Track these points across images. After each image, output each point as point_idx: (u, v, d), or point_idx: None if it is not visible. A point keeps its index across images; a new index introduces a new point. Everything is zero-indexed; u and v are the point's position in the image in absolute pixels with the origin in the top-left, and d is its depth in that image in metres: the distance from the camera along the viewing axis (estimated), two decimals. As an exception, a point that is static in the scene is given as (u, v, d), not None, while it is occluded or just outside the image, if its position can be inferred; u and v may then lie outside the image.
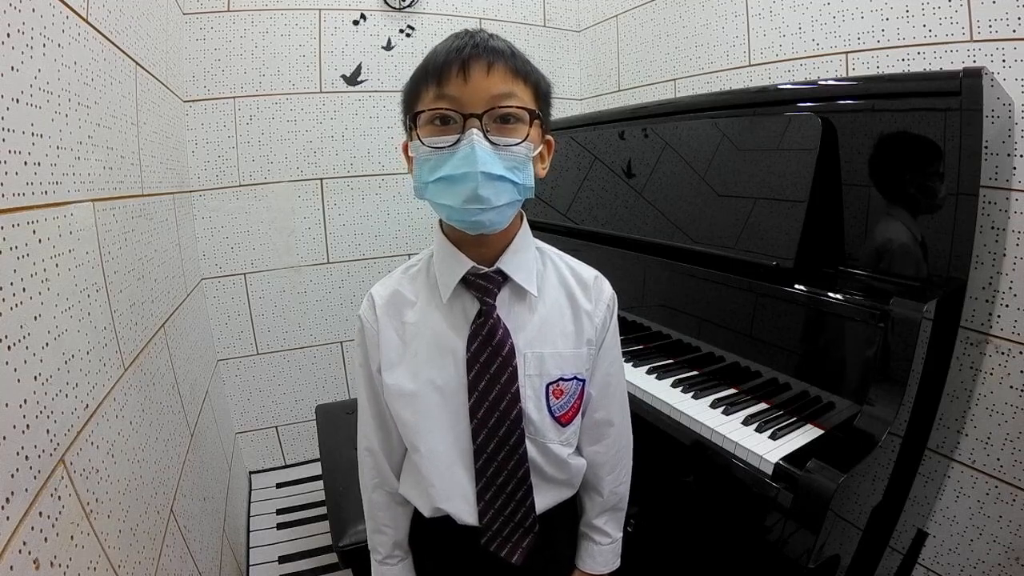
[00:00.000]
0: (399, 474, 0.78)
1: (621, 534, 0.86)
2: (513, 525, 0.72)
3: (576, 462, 0.77)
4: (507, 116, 0.62)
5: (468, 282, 0.68)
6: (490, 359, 0.67)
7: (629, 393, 1.19)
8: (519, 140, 0.62)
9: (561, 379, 0.71)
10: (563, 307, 0.73)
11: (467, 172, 0.59)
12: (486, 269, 0.68)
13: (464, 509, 0.71)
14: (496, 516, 0.71)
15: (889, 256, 1.03)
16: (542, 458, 0.72)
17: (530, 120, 0.63)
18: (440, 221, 0.70)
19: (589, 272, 0.76)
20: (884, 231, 1.04)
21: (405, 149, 0.68)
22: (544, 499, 0.74)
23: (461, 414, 0.69)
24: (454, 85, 0.60)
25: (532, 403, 0.70)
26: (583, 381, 0.73)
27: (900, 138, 1.01)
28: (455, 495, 0.71)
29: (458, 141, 0.60)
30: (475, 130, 0.59)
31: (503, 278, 0.68)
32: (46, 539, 0.61)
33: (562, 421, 0.72)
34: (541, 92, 0.66)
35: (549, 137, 0.70)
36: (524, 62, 0.64)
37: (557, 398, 0.71)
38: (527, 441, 0.70)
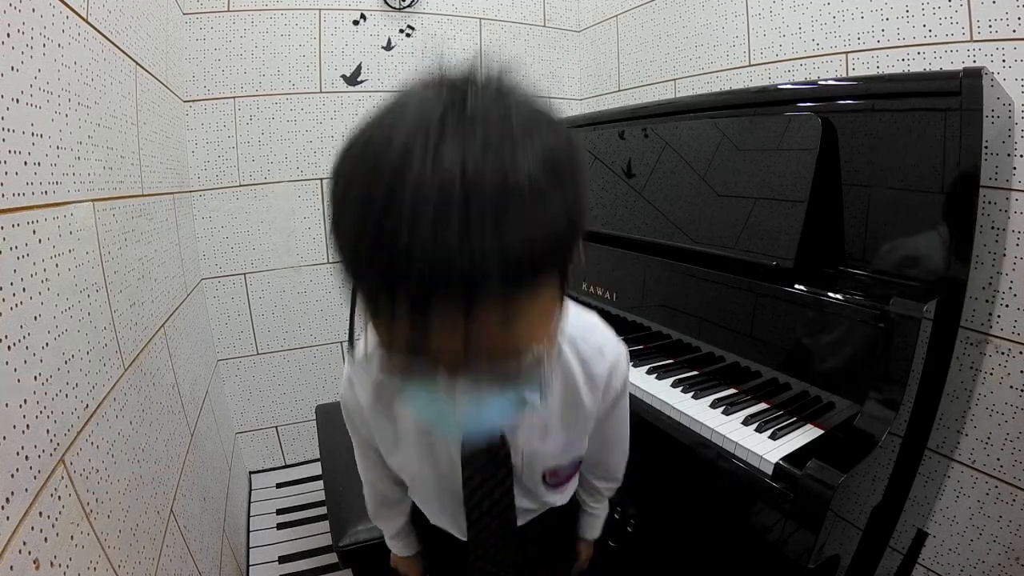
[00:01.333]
0: (399, 481, 0.80)
1: (607, 508, 0.94)
2: (498, 564, 0.76)
3: (567, 501, 0.81)
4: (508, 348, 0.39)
5: None
6: (486, 463, 0.66)
7: (629, 393, 1.20)
8: (526, 363, 0.41)
9: (557, 467, 0.72)
10: (565, 404, 0.66)
11: (451, 423, 0.46)
12: None
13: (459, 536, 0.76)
14: (483, 557, 0.75)
15: (889, 256, 1.03)
16: (530, 503, 0.75)
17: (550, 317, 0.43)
18: None
19: (602, 365, 0.64)
20: (884, 231, 1.04)
21: None
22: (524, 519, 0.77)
23: (457, 495, 0.69)
24: (404, 329, 0.36)
25: (527, 478, 0.71)
26: (578, 461, 0.75)
27: (900, 138, 1.01)
28: (452, 528, 0.76)
29: (434, 380, 0.40)
30: (455, 381, 0.40)
31: None
32: (46, 539, 0.61)
33: (555, 487, 0.75)
34: (569, 247, 0.40)
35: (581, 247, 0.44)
36: (535, 245, 0.34)
37: (552, 476, 0.73)
38: (519, 498, 0.72)
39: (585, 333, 0.64)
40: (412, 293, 0.33)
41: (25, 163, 0.68)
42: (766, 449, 0.92)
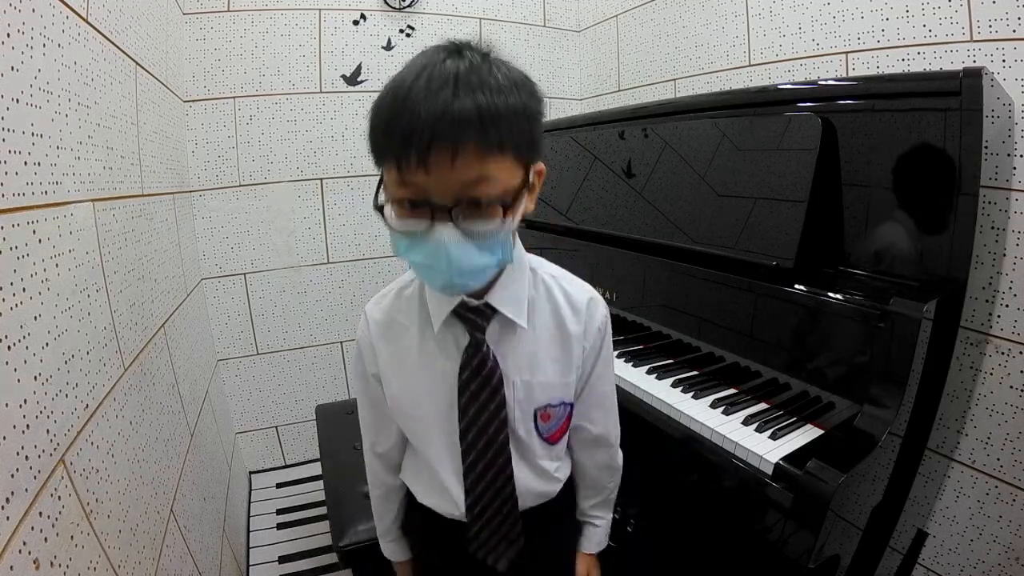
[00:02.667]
0: (398, 469, 0.84)
1: (611, 516, 0.93)
2: (499, 536, 0.75)
3: (561, 473, 0.81)
4: (481, 200, 0.55)
5: (458, 315, 0.67)
6: (479, 388, 0.68)
7: (629, 393, 1.20)
8: (496, 225, 0.56)
9: (549, 405, 0.73)
10: (553, 334, 0.72)
11: (440, 267, 0.56)
12: (476, 303, 0.66)
13: (454, 513, 0.75)
14: (483, 527, 0.74)
15: (889, 256, 1.03)
16: (530, 474, 0.76)
17: (514, 197, 0.57)
18: None
19: (582, 295, 0.74)
20: (884, 231, 1.04)
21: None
22: (526, 503, 0.77)
23: (454, 435, 0.71)
24: (415, 174, 0.52)
25: (521, 425, 0.72)
26: (570, 405, 0.75)
27: (900, 138, 1.01)
28: (447, 499, 0.75)
29: (430, 228, 0.55)
30: (444, 226, 0.54)
31: (492, 311, 0.67)
32: (46, 539, 0.61)
33: (550, 441, 0.75)
34: (527, 143, 0.57)
35: (540, 166, 0.63)
36: (499, 118, 0.52)
37: (545, 421, 0.73)
38: (516, 461, 0.73)
39: (566, 275, 0.75)
40: (420, 141, 0.50)
41: (25, 163, 0.68)
42: (766, 449, 0.92)
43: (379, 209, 0.59)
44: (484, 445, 0.70)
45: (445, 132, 0.50)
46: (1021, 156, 1.09)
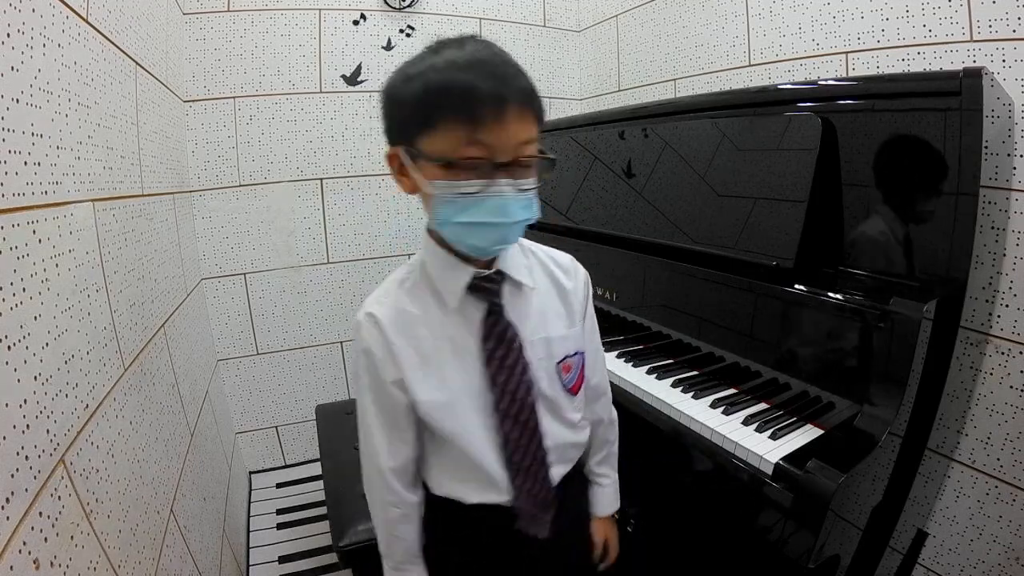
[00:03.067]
0: (414, 485, 0.78)
1: (616, 476, 0.95)
2: (538, 503, 0.76)
3: (584, 422, 0.84)
4: (528, 160, 0.63)
5: (473, 287, 0.70)
6: (505, 354, 0.70)
7: (629, 393, 1.20)
8: (535, 181, 0.65)
9: (567, 356, 0.77)
10: (552, 292, 0.78)
11: (499, 222, 0.62)
12: (488, 272, 0.70)
13: (502, 497, 0.75)
14: (525, 499, 0.75)
15: (889, 256, 1.03)
16: (562, 427, 0.78)
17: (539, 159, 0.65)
18: (429, 231, 0.71)
19: (564, 256, 0.82)
20: (884, 231, 1.04)
21: (393, 161, 0.67)
22: (559, 471, 0.79)
23: (488, 410, 0.72)
24: (490, 132, 0.59)
25: (546, 383, 0.75)
26: (582, 353, 0.80)
27: (900, 138, 1.01)
28: (492, 486, 0.74)
29: (485, 188, 0.60)
30: (506, 181, 0.61)
31: (502, 277, 0.72)
32: (46, 539, 0.61)
33: (572, 391, 0.79)
34: (543, 118, 0.67)
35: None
36: (537, 95, 0.64)
37: (566, 372, 0.77)
38: (548, 418, 0.76)
39: (544, 246, 0.82)
40: (502, 102, 0.59)
41: (25, 163, 0.68)
42: (766, 449, 0.92)
43: (393, 163, 0.66)
44: (516, 411, 0.71)
45: (516, 97, 0.60)
46: (1021, 156, 1.09)
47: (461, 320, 0.71)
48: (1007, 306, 1.13)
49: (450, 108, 0.59)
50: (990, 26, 1.13)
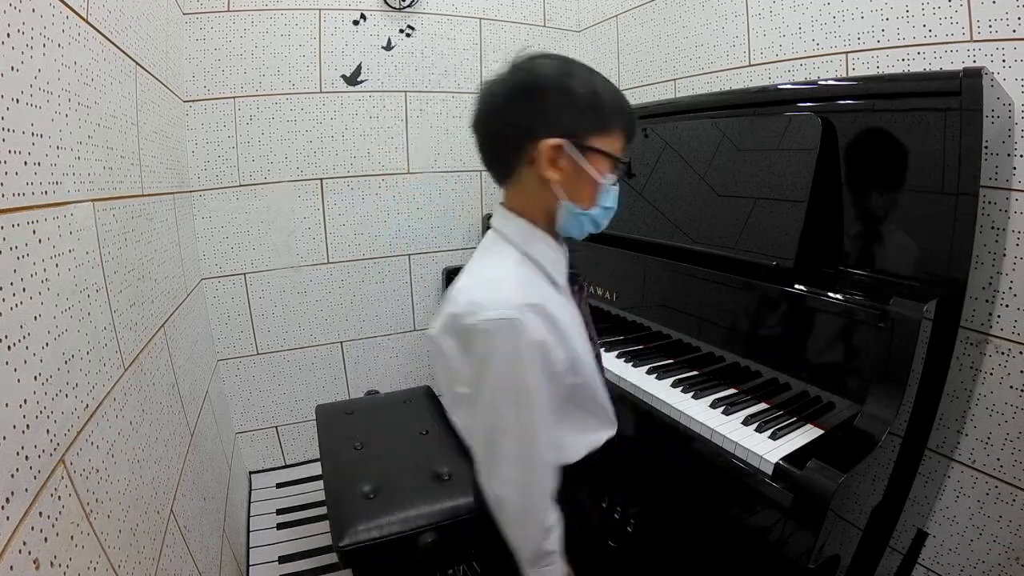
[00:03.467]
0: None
1: None
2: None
3: None
4: None
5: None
6: (587, 310, 0.88)
7: (629, 392, 1.20)
8: None
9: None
10: None
11: (616, 207, 0.80)
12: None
13: (615, 428, 0.89)
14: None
15: (889, 256, 1.03)
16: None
17: None
18: (528, 224, 0.78)
19: None
20: (884, 231, 1.04)
21: (554, 151, 0.72)
22: None
23: (590, 357, 0.83)
24: (629, 143, 0.78)
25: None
26: None
27: (900, 138, 1.01)
28: (609, 420, 0.87)
29: (617, 181, 0.78)
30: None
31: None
32: (46, 539, 0.61)
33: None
34: None
35: None
36: None
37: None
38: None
39: None
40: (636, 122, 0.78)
41: (25, 163, 0.68)
42: (766, 449, 0.92)
43: (553, 159, 0.73)
44: (598, 353, 0.87)
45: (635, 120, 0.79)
46: (1021, 156, 1.09)
47: (566, 292, 0.83)
48: (1007, 306, 1.13)
49: (620, 120, 0.75)
50: (990, 26, 1.13)
